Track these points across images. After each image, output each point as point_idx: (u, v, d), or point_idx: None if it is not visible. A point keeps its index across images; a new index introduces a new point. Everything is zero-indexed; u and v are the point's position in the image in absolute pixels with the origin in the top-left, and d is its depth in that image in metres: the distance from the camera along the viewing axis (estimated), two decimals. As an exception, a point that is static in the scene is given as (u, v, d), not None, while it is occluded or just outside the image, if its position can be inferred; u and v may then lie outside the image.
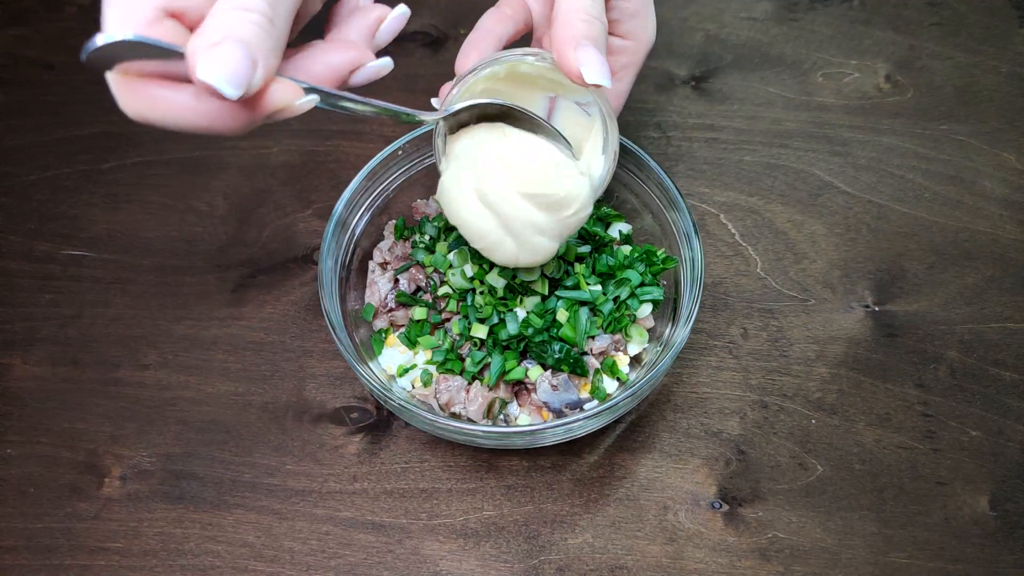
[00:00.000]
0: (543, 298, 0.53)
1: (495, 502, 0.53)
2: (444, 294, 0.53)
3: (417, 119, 0.44)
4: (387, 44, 0.43)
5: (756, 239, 0.63)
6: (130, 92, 0.33)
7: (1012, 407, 0.56)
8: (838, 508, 0.52)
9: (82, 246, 0.63)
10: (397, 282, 0.56)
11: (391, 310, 0.56)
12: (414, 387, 0.54)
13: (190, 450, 0.55)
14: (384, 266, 0.57)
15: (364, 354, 0.53)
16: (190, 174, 0.66)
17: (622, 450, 0.55)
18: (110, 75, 0.32)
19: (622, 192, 0.58)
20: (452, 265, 0.54)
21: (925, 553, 0.51)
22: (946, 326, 0.59)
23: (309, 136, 0.68)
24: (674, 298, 0.54)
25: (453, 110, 0.46)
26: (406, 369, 0.54)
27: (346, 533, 0.52)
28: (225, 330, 0.60)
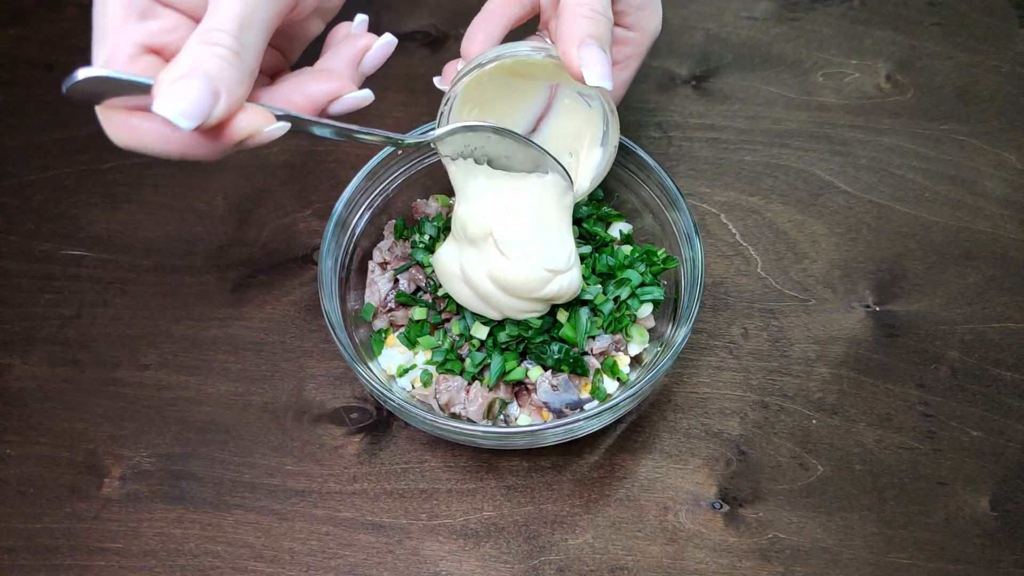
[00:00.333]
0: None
1: (495, 502, 0.53)
2: (444, 294, 0.53)
3: (401, 142, 0.44)
4: (373, 72, 0.44)
5: (757, 239, 0.63)
6: (113, 123, 0.35)
7: (1013, 407, 0.56)
8: (839, 508, 0.52)
9: (81, 246, 0.63)
10: (397, 282, 0.56)
11: (391, 310, 0.56)
12: (414, 387, 0.54)
13: (190, 450, 0.55)
14: (384, 266, 0.57)
15: (364, 354, 0.53)
16: (189, 174, 0.66)
17: (622, 450, 0.55)
18: (97, 108, 0.35)
19: (622, 192, 0.58)
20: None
21: (926, 553, 0.51)
22: (947, 326, 0.59)
23: (309, 136, 0.68)
24: (674, 298, 0.54)
25: (437, 135, 0.46)
26: (406, 369, 0.54)
27: (346, 533, 0.52)
28: (225, 330, 0.59)
